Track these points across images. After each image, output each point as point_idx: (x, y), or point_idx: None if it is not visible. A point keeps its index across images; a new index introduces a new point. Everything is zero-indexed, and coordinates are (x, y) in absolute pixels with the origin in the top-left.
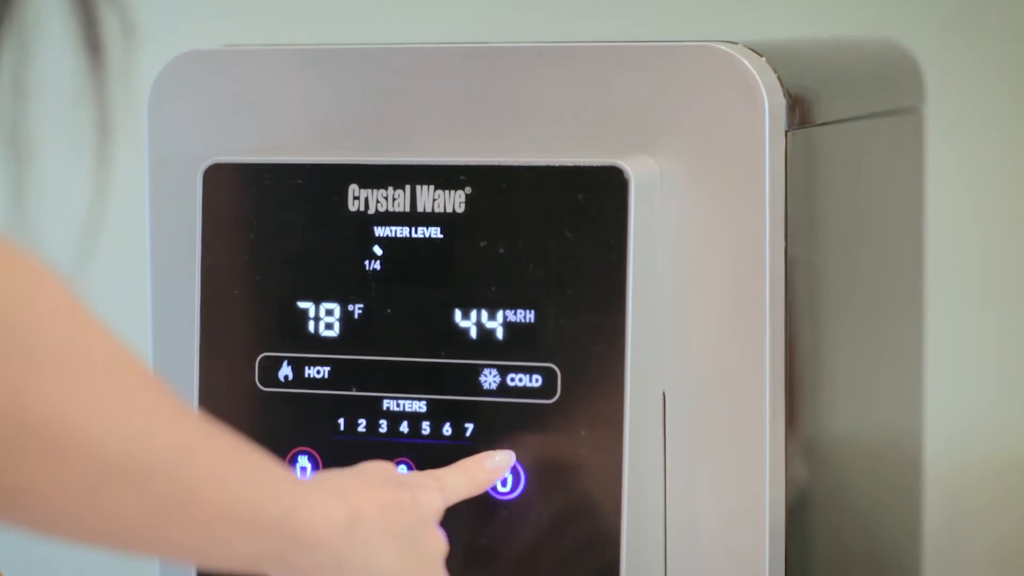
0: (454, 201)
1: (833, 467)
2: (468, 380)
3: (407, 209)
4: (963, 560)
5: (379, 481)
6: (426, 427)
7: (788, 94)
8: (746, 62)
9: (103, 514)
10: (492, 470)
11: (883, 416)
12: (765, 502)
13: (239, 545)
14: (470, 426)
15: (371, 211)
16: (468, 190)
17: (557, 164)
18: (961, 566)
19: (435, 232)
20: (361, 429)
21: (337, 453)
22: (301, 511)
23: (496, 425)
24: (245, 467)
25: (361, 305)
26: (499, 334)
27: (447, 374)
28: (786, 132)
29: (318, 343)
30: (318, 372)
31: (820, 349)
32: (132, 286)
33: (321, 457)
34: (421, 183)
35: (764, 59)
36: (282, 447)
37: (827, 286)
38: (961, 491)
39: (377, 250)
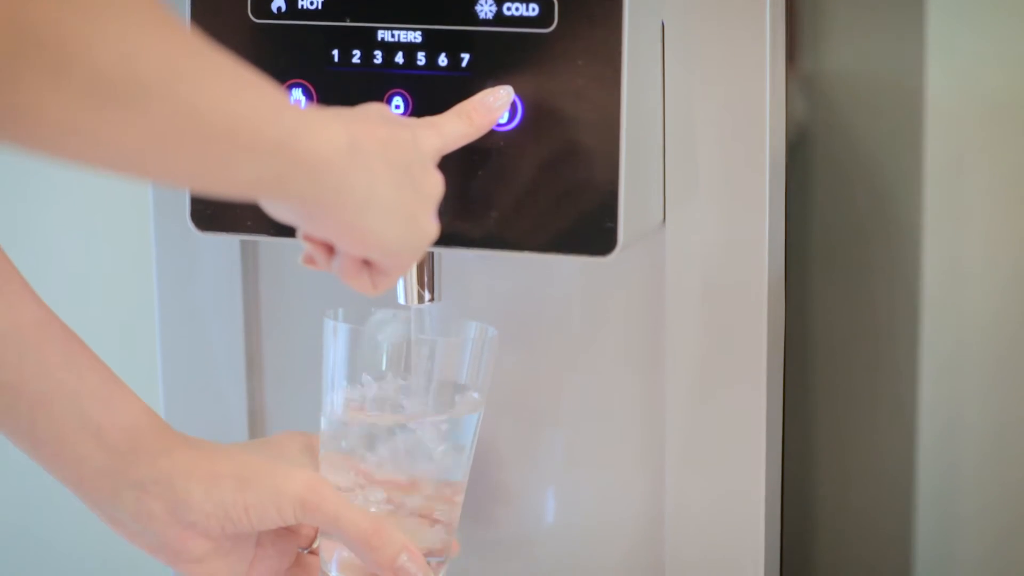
0: None
1: (833, 104)
2: (464, 9)
3: None
4: (964, 198)
5: (379, 118)
6: (421, 58)
7: None
8: None
9: (104, 134)
10: (491, 111)
11: (883, 52)
12: (765, 133)
13: (239, 168)
14: (466, 57)
15: None
16: None
17: None
18: (962, 205)
19: None
20: (355, 60)
21: (331, 85)
22: (302, 133)
23: (492, 56)
24: (246, 89)
25: None
26: None
27: (443, 3)
28: None
29: None
30: (311, 2)
31: None
32: None
33: (315, 89)
34: None
35: None
36: (276, 80)
37: None
38: (962, 126)
39: None
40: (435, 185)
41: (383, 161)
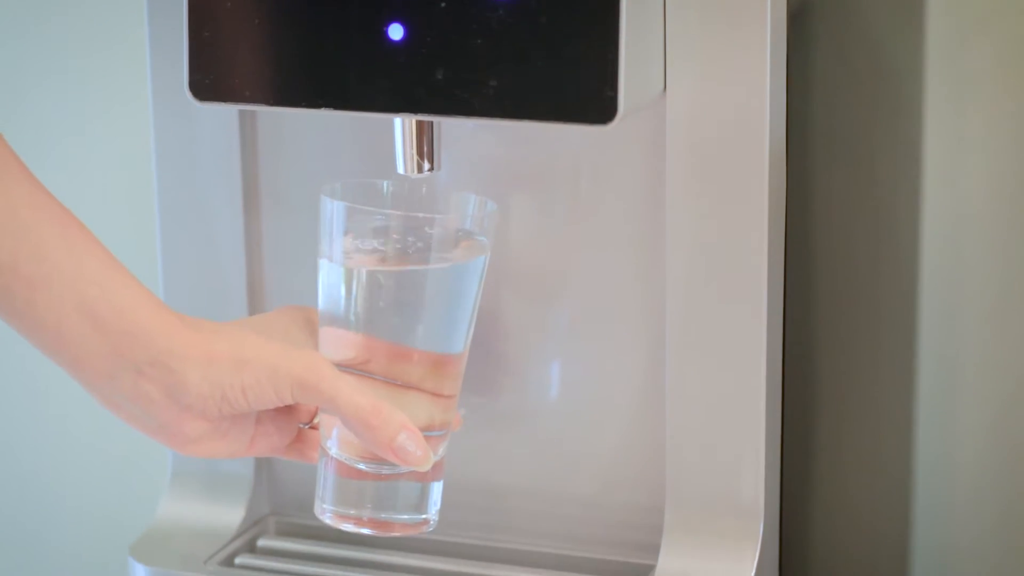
0: None
1: None
2: None
3: None
4: (967, 69)
5: None
6: None
7: None
8: None
9: None
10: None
11: None
12: (767, 2)
13: None
14: None
15: None
16: None
17: None
18: (965, 76)
19: None
20: None
21: None
22: None
23: None
24: None
25: None
26: None
27: None
28: None
29: None
30: None
31: None
32: None
33: None
34: None
35: None
36: None
37: None
38: None
39: None
40: None
41: None
